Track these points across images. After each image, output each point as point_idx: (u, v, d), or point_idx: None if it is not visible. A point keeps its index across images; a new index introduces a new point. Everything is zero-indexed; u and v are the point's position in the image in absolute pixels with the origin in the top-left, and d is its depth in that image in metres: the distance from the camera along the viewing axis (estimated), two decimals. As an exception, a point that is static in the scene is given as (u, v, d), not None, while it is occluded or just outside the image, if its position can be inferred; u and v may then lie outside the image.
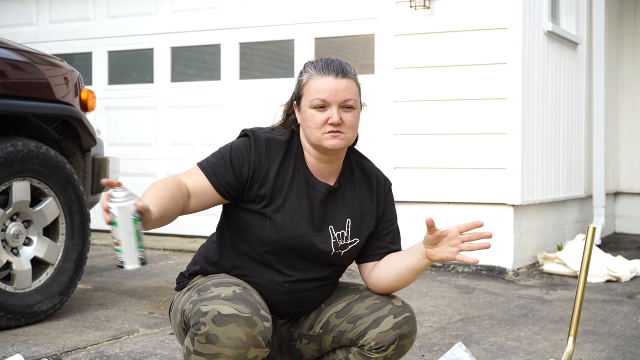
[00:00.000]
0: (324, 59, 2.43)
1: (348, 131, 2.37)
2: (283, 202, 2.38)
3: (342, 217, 2.46)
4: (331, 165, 2.46)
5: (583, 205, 7.83)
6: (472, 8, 6.14)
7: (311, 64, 2.42)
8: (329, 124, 2.34)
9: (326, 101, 2.35)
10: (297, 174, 2.42)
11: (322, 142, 2.36)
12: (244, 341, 2.15)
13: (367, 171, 2.55)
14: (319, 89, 2.35)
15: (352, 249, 2.47)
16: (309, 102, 2.36)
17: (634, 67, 8.96)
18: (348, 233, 2.46)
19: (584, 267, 2.62)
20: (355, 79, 2.42)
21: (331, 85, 2.35)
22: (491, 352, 3.75)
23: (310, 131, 2.37)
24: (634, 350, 3.84)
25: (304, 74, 2.42)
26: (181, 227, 7.23)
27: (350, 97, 2.37)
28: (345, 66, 2.41)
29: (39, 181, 4.10)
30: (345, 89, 2.36)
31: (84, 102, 4.48)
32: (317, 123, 2.35)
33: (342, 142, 2.37)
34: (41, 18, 8.27)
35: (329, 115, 2.34)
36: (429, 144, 6.30)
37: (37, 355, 3.45)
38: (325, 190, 2.43)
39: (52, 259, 4.18)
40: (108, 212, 2.01)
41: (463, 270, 6.04)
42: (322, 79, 2.36)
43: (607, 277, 5.87)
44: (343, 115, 2.36)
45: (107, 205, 2.01)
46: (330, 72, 2.37)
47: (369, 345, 2.43)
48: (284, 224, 2.37)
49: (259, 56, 7.37)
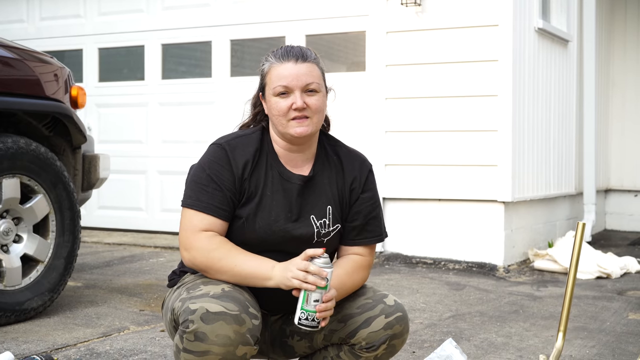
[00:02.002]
0: (283, 46, 2.43)
1: (313, 115, 2.36)
2: (259, 200, 2.38)
3: (322, 205, 2.44)
4: (303, 153, 2.44)
5: (574, 202, 7.85)
6: (463, 5, 6.15)
7: (271, 53, 2.43)
8: (293, 110, 2.34)
9: (288, 87, 2.35)
10: (270, 170, 2.41)
11: (289, 130, 2.36)
12: (232, 339, 2.15)
13: (342, 155, 2.52)
14: (280, 75, 2.35)
15: (334, 236, 2.47)
16: (271, 90, 2.37)
17: (624, 65, 8.99)
18: (330, 220, 2.45)
19: (573, 263, 2.63)
20: (317, 62, 2.41)
21: (292, 70, 2.35)
22: (482, 348, 3.75)
23: (276, 119, 2.37)
24: (623, 347, 3.85)
25: (265, 64, 2.42)
26: (172, 225, 7.22)
27: (312, 81, 2.36)
28: (305, 51, 2.41)
29: (29, 178, 4.09)
30: (306, 72, 2.36)
31: (74, 99, 4.47)
32: (282, 110, 2.35)
33: (308, 129, 2.36)
34: (31, 15, 8.24)
35: (293, 101, 2.34)
36: (420, 141, 6.31)
37: (27, 353, 3.44)
38: (300, 181, 2.42)
39: (42, 256, 4.17)
40: (324, 279, 2.21)
41: (454, 267, 6.05)
42: (282, 66, 2.36)
43: (598, 273, 5.89)
44: (307, 99, 2.35)
45: (325, 272, 2.22)
46: (290, 58, 2.37)
47: (359, 344, 2.42)
48: (262, 222, 2.36)
49: (250, 53, 7.37)
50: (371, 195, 2.52)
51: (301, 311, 2.24)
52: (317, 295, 2.22)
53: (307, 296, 2.22)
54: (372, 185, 2.53)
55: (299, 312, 2.24)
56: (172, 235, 7.33)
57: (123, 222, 7.75)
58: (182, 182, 8.15)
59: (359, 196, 2.49)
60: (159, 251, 6.72)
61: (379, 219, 2.53)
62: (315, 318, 2.24)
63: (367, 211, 2.50)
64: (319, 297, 2.23)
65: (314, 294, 2.22)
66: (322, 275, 2.21)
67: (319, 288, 2.22)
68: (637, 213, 8.94)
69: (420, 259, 6.22)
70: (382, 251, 6.36)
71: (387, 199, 6.36)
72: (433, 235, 6.26)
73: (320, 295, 2.23)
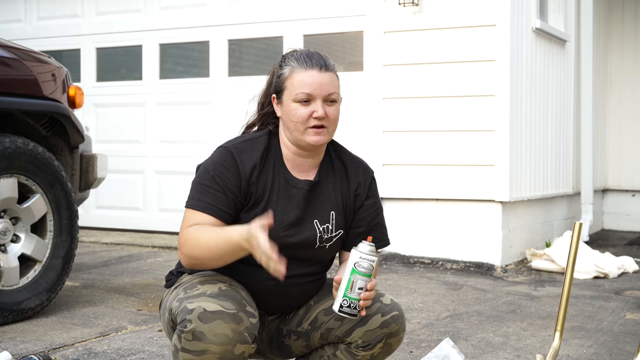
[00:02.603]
0: (304, 51, 2.42)
1: (331, 125, 2.37)
2: (266, 205, 2.37)
3: (326, 211, 2.45)
4: (312, 159, 2.45)
5: (571, 202, 7.86)
6: (460, 5, 6.15)
7: (292, 57, 2.40)
8: (313, 118, 2.34)
9: (311, 95, 2.34)
10: (277, 175, 2.41)
11: (305, 138, 2.36)
12: (230, 337, 2.15)
13: (346, 162, 2.53)
14: (304, 82, 2.34)
15: (336, 241, 2.48)
16: (292, 96, 2.35)
17: (622, 65, 9.00)
18: (332, 226, 2.45)
19: (570, 263, 2.64)
20: (335, 72, 2.42)
21: (316, 79, 2.34)
22: (479, 348, 3.76)
23: (293, 125, 2.36)
24: (620, 346, 3.86)
25: (285, 67, 2.40)
26: (170, 224, 7.23)
27: (334, 91, 2.37)
28: (326, 59, 2.40)
29: (26, 178, 4.09)
30: (329, 82, 2.36)
31: (71, 99, 4.47)
32: (302, 117, 2.34)
33: (324, 138, 2.37)
34: (29, 15, 8.23)
35: (314, 109, 2.34)
36: (417, 141, 6.31)
37: (25, 353, 3.44)
38: (306, 187, 2.43)
39: (40, 256, 4.17)
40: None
41: (452, 267, 6.06)
42: (306, 73, 2.35)
43: (595, 273, 5.89)
44: (327, 109, 2.35)
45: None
46: (314, 66, 2.36)
47: (355, 343, 2.43)
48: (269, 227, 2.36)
49: (247, 53, 7.37)
50: (374, 202, 2.53)
51: (344, 298, 2.24)
52: (362, 282, 2.23)
53: (351, 283, 2.23)
54: (375, 191, 2.55)
55: (340, 299, 2.24)
56: (170, 235, 7.32)
57: (121, 222, 7.75)
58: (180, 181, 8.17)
59: (363, 203, 2.51)
60: (157, 251, 6.72)
61: (382, 225, 2.55)
62: (358, 306, 2.24)
63: (370, 218, 2.52)
64: (363, 285, 2.23)
65: (359, 281, 2.22)
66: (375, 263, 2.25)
67: (365, 276, 2.22)
68: (634, 213, 8.95)
69: (417, 258, 6.23)
70: (380, 251, 6.35)
71: (384, 199, 6.36)
72: (431, 235, 6.27)
73: (365, 282, 2.23)
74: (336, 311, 2.26)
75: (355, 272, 2.23)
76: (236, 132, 2.59)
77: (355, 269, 2.23)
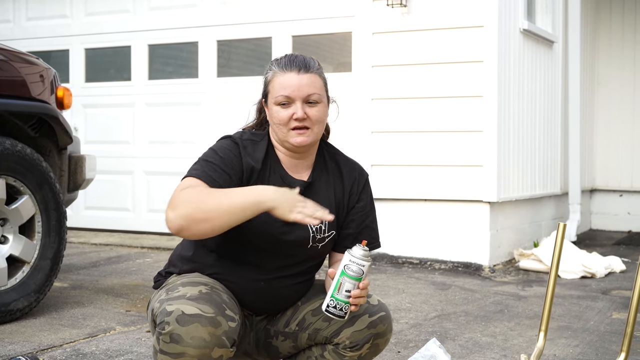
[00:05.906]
0: (287, 55, 2.45)
1: (314, 126, 2.39)
2: None
3: None
4: (304, 160, 2.48)
5: (559, 202, 7.90)
6: (448, 6, 6.18)
7: (275, 62, 2.44)
8: (294, 120, 2.36)
9: (290, 97, 2.37)
10: (273, 173, 2.44)
11: (289, 139, 2.39)
12: (207, 341, 2.16)
13: (340, 163, 2.56)
14: (282, 85, 2.37)
15: (328, 242, 2.49)
16: (273, 99, 2.39)
17: (609, 66, 9.04)
18: (325, 226, 2.47)
19: (554, 264, 2.66)
20: (319, 73, 2.43)
21: (293, 81, 2.37)
22: (466, 348, 3.78)
23: (277, 127, 2.40)
24: (607, 346, 3.88)
25: (268, 72, 2.44)
26: (159, 225, 7.22)
27: (313, 92, 2.39)
28: (308, 61, 2.42)
29: (14, 179, 4.08)
30: (308, 83, 2.38)
31: (60, 100, 4.47)
32: (282, 119, 2.37)
33: (308, 139, 2.39)
34: (17, 15, 8.21)
35: (294, 111, 2.36)
36: (405, 141, 6.33)
37: (13, 354, 3.44)
38: (301, 186, 2.45)
39: (28, 257, 4.17)
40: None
41: (440, 267, 6.08)
42: (284, 76, 2.38)
43: (582, 273, 5.92)
44: (308, 110, 2.38)
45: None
46: (293, 68, 2.38)
47: (343, 343, 2.44)
48: (261, 224, 2.37)
49: (236, 54, 7.37)
50: (365, 205, 2.55)
51: (331, 298, 2.26)
52: (350, 285, 2.25)
53: (339, 285, 2.25)
54: (368, 194, 2.57)
55: (328, 299, 2.27)
56: (159, 235, 7.32)
57: (110, 223, 7.74)
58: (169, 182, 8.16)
59: (355, 205, 2.53)
60: (146, 252, 6.71)
61: (371, 228, 2.56)
62: (344, 308, 2.26)
63: (360, 220, 2.53)
64: (351, 288, 2.25)
65: (347, 284, 2.25)
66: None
67: (354, 279, 2.24)
68: (622, 213, 9.00)
69: (406, 259, 6.25)
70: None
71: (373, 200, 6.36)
72: (419, 235, 6.29)
73: (353, 286, 2.25)
74: (323, 310, 2.28)
75: (344, 274, 2.25)
76: (225, 132, 2.61)
77: (345, 271, 2.25)
